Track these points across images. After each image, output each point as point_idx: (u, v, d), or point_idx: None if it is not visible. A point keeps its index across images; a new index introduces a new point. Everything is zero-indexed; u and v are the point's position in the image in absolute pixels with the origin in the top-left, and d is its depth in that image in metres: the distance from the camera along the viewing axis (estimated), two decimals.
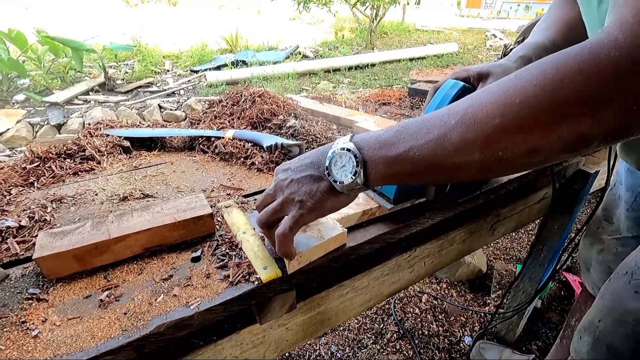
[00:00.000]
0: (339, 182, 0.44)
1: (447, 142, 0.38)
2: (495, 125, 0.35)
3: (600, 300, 0.71)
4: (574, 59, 0.32)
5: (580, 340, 0.74)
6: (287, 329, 0.59)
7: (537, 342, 1.43)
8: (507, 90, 0.36)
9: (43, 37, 4.20)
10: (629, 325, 0.63)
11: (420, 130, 0.40)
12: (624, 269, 0.67)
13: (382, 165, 0.43)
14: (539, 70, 0.34)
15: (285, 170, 0.49)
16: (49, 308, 0.46)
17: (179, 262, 0.54)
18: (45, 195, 0.68)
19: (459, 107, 0.39)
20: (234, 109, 0.99)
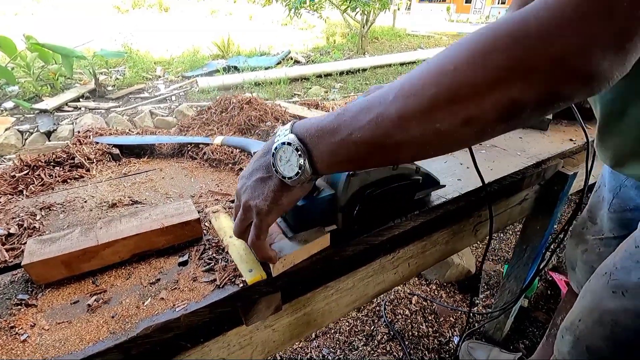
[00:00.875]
0: (287, 178, 0.43)
1: (386, 119, 0.37)
2: (431, 95, 0.35)
3: (581, 301, 0.73)
4: (506, 23, 0.32)
5: (562, 340, 0.76)
6: (273, 330, 0.61)
7: (525, 341, 1.46)
8: (442, 58, 0.35)
9: (32, 43, 4.17)
10: (607, 325, 0.65)
11: (360, 111, 0.39)
12: (603, 270, 0.69)
13: (327, 154, 0.41)
14: (476, 35, 0.34)
15: (241, 178, 0.49)
16: (38, 313, 0.47)
17: (166, 267, 0.55)
18: (35, 203, 0.69)
19: (397, 82, 0.38)
20: (223, 115, 1.01)
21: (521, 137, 1.08)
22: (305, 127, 0.43)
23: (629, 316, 0.62)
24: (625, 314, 0.62)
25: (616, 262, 0.66)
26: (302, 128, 0.43)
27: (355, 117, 0.39)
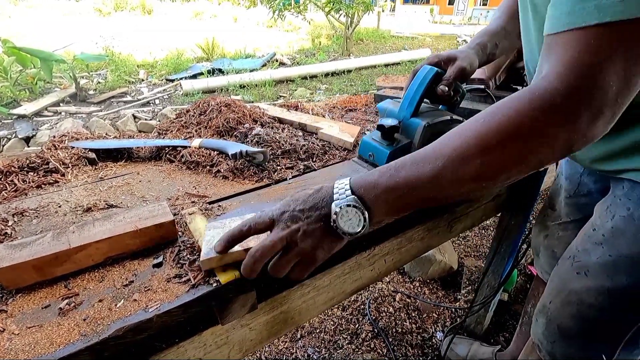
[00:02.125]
0: (348, 234, 0.49)
1: (442, 179, 0.46)
2: (478, 164, 0.44)
3: (550, 284, 0.77)
4: (529, 105, 0.43)
5: (537, 323, 0.80)
6: (250, 328, 0.62)
7: (505, 334, 1.50)
8: (483, 135, 0.45)
9: (9, 47, 4.07)
10: (574, 304, 0.69)
11: (412, 174, 0.47)
12: (568, 253, 0.73)
13: (384, 208, 0.49)
14: (503, 116, 0.44)
15: (295, 219, 0.50)
16: (8, 318, 0.47)
17: (140, 269, 0.56)
18: (7, 209, 0.68)
19: (444, 149, 0.47)
20: (201, 118, 1.01)
21: None
22: (364, 187, 0.49)
23: (592, 294, 0.66)
24: (588, 292, 0.66)
25: (578, 245, 0.70)
26: (361, 188, 0.49)
27: (408, 179, 0.47)
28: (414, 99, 0.74)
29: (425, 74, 0.75)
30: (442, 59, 0.78)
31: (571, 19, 0.42)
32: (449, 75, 0.75)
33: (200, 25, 11.03)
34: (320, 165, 0.87)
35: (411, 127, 0.74)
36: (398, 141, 0.73)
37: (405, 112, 0.75)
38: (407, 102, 0.75)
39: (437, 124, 0.73)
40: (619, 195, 0.64)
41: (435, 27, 14.94)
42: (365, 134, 0.83)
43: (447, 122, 0.75)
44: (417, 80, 0.75)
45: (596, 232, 0.66)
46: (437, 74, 0.75)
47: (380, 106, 0.83)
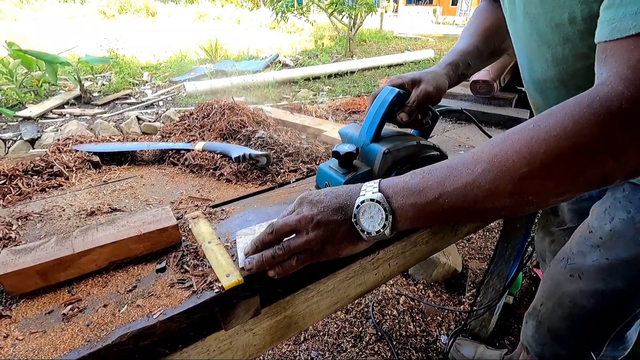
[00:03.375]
0: (366, 232, 0.46)
1: (477, 189, 0.41)
2: (523, 173, 0.38)
3: (542, 286, 0.77)
4: (588, 110, 0.37)
5: (527, 325, 0.79)
6: (254, 334, 0.61)
7: (510, 337, 1.48)
8: (529, 141, 0.39)
9: (15, 50, 4.11)
10: (566, 307, 0.69)
11: (447, 177, 0.43)
12: (561, 255, 0.73)
13: (411, 213, 0.45)
14: (556, 122, 0.38)
15: (312, 205, 0.48)
16: (12, 324, 0.47)
17: (144, 274, 0.56)
18: (11, 213, 0.68)
19: (483, 154, 0.42)
20: (205, 121, 1.01)
21: None
22: (391, 186, 0.46)
23: (585, 297, 0.65)
24: (582, 295, 0.65)
25: (572, 247, 0.69)
26: (388, 186, 0.46)
27: (441, 183, 0.43)
28: (373, 123, 0.68)
29: (385, 96, 0.68)
30: (406, 81, 0.71)
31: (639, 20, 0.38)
32: (412, 100, 0.68)
33: (204, 27, 11.08)
34: None
35: (371, 154, 0.67)
36: (357, 169, 0.66)
37: (365, 137, 0.69)
38: (367, 127, 0.69)
39: (400, 150, 0.66)
40: (618, 197, 0.64)
41: (439, 28, 14.92)
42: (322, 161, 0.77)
43: (412, 147, 0.68)
44: (377, 103, 0.68)
45: (593, 234, 0.65)
46: (399, 96, 0.68)
47: (341, 131, 0.75)
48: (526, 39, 0.62)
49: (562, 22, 0.50)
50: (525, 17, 0.59)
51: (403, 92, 0.69)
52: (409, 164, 0.67)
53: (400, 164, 0.66)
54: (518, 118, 1.17)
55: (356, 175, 0.64)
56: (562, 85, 0.60)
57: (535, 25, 0.57)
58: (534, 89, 0.70)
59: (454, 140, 1.08)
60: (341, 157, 0.64)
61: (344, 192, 0.49)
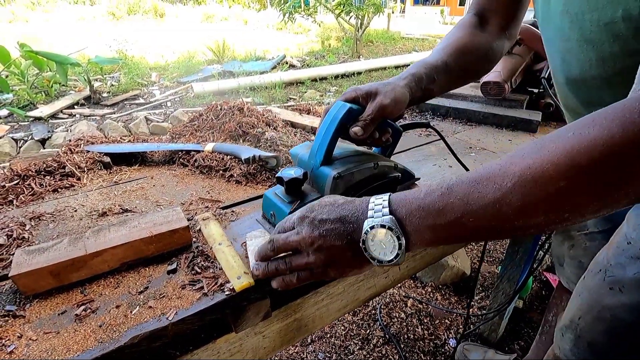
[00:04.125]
0: (377, 260, 0.42)
1: (507, 206, 0.36)
2: (561, 188, 0.34)
3: (578, 299, 0.74)
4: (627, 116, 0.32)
5: (563, 338, 0.77)
6: (263, 336, 0.61)
7: (520, 342, 1.46)
8: (570, 151, 0.34)
9: (26, 51, 4.17)
10: (607, 321, 0.66)
11: (470, 193, 0.38)
12: (597, 267, 0.70)
13: (428, 235, 0.40)
14: (602, 129, 0.33)
15: (314, 227, 0.44)
16: (26, 324, 0.47)
17: (155, 275, 0.56)
18: (24, 213, 0.69)
19: (513, 166, 0.37)
20: (214, 122, 1.02)
21: (510, 139, 1.09)
22: (404, 205, 0.41)
23: (627, 311, 0.63)
24: (623, 308, 0.63)
25: (609, 259, 0.67)
26: (400, 206, 0.41)
27: (464, 200, 0.38)
28: (322, 144, 0.60)
29: (336, 112, 0.60)
30: (361, 94, 0.63)
31: None
32: (367, 115, 0.60)
33: (211, 28, 11.15)
34: None
35: (320, 178, 0.60)
36: (305, 196, 0.60)
37: (314, 159, 0.61)
38: (316, 147, 0.61)
39: (353, 174, 0.59)
40: None
41: (446, 29, 14.84)
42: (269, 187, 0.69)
43: (369, 170, 0.62)
44: (327, 121, 0.60)
45: (632, 245, 0.63)
46: (351, 112, 0.60)
47: (292, 152, 0.67)
48: (563, 39, 0.60)
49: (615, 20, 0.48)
50: (565, 17, 0.57)
51: (356, 107, 0.61)
52: (364, 189, 0.61)
53: (354, 190, 0.60)
54: (530, 120, 1.15)
55: (303, 203, 0.58)
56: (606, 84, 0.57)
57: (578, 24, 0.55)
58: (570, 90, 0.67)
59: (464, 142, 1.07)
60: (285, 184, 0.57)
61: (350, 211, 0.44)
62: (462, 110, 1.27)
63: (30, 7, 13.60)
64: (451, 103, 1.32)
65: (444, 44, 0.75)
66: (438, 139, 1.10)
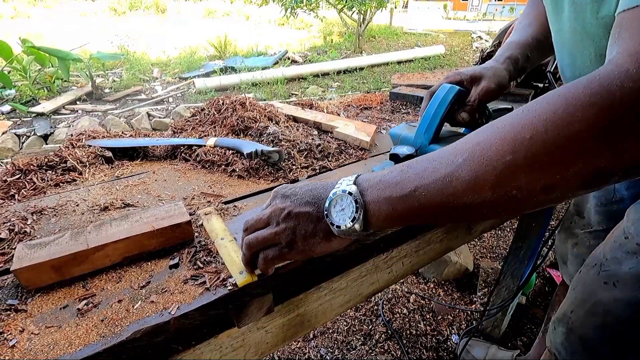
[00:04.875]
0: (336, 226, 0.42)
1: (456, 181, 0.37)
2: (507, 162, 0.34)
3: (572, 292, 0.74)
4: (584, 91, 0.32)
5: (555, 331, 0.76)
6: (266, 331, 0.61)
7: (523, 338, 1.46)
8: (515, 126, 0.35)
9: (28, 47, 4.17)
10: (599, 316, 0.66)
11: (426, 169, 0.39)
12: (593, 261, 0.70)
13: (385, 207, 0.41)
14: (548, 104, 0.34)
15: (285, 197, 0.46)
16: (27, 318, 0.47)
17: (157, 269, 0.55)
18: (26, 207, 0.69)
19: (466, 144, 0.38)
20: (216, 117, 1.01)
21: None
22: (368, 179, 0.43)
23: (620, 306, 0.62)
24: (617, 303, 0.62)
25: (606, 253, 0.66)
26: (364, 180, 0.43)
27: (419, 175, 0.39)
28: (432, 123, 0.63)
29: (445, 93, 0.64)
30: (465, 78, 0.66)
31: None
32: (474, 98, 0.64)
33: (213, 24, 11.10)
34: (337, 165, 0.85)
35: None
36: None
37: (422, 138, 0.64)
38: (425, 127, 0.64)
39: None
40: None
41: (449, 24, 14.72)
42: (377, 165, 0.73)
43: None
44: (436, 101, 0.64)
45: (629, 240, 0.62)
46: (460, 94, 0.64)
47: (392, 132, 0.72)
48: (570, 32, 0.58)
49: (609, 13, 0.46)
50: (572, 7, 0.55)
51: (463, 89, 0.65)
52: None
53: None
54: None
55: None
56: None
57: (582, 16, 0.53)
58: None
59: None
60: (401, 160, 0.61)
61: (320, 185, 0.47)
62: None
63: (32, 3, 13.59)
64: None
65: (528, 20, 0.75)
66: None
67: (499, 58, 0.70)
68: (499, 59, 0.69)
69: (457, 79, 0.66)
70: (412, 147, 0.62)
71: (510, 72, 0.68)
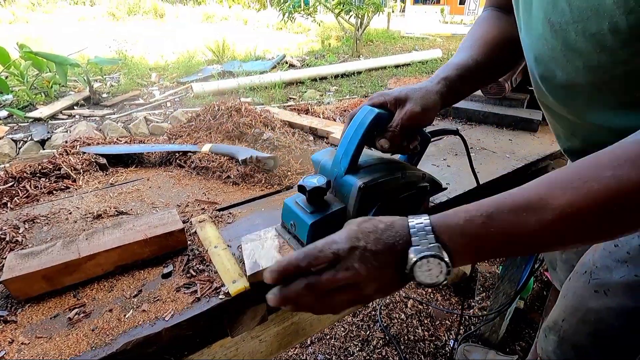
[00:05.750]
0: (423, 283, 0.41)
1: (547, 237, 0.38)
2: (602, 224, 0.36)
3: (562, 300, 0.73)
4: None
5: (546, 339, 0.76)
6: (260, 340, 0.60)
7: (521, 343, 1.45)
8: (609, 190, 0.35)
9: (26, 52, 4.16)
10: (591, 324, 0.66)
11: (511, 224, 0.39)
12: (583, 269, 0.69)
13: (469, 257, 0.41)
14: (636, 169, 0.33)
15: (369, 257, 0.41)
16: (17, 329, 0.47)
17: (150, 278, 0.55)
18: (18, 215, 0.68)
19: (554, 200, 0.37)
20: (212, 122, 1.01)
21: (511, 139, 1.08)
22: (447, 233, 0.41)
23: (612, 314, 0.62)
24: (608, 312, 0.62)
25: (595, 261, 0.66)
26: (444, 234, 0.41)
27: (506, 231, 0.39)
28: (348, 151, 0.56)
29: (363, 117, 0.56)
30: (389, 99, 0.58)
31: None
32: (396, 123, 0.56)
33: (211, 28, 11.14)
34: None
35: (345, 187, 0.55)
36: (328, 206, 0.55)
37: (339, 167, 0.57)
38: (341, 155, 0.57)
39: (380, 184, 0.55)
40: None
41: (446, 27, 14.81)
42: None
43: (396, 180, 0.57)
44: (353, 127, 0.56)
45: (619, 248, 0.62)
46: (379, 118, 0.56)
47: (314, 158, 0.63)
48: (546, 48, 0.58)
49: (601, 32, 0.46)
50: (546, 26, 0.55)
51: (384, 113, 0.57)
52: (391, 200, 0.58)
53: (381, 200, 0.56)
54: (530, 119, 1.14)
55: (326, 214, 0.54)
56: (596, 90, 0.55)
57: (562, 34, 0.52)
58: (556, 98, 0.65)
59: None
60: (307, 194, 0.53)
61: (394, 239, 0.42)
62: (462, 110, 1.26)
63: (31, 8, 13.61)
64: None
65: (470, 41, 0.70)
66: (437, 139, 1.09)
67: (434, 78, 0.63)
68: (433, 80, 0.63)
69: (380, 101, 0.59)
70: (324, 178, 0.54)
71: (443, 95, 0.61)
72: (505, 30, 0.69)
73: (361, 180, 0.53)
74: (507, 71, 0.74)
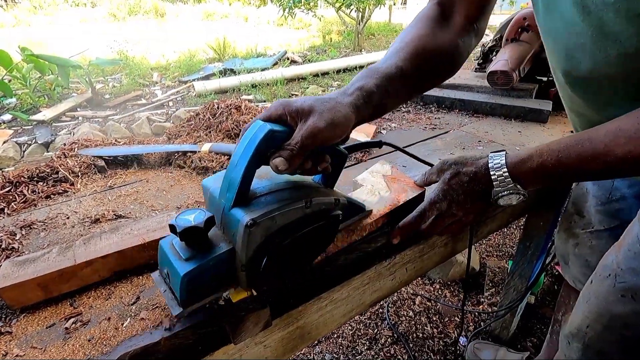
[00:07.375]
0: (506, 205, 0.57)
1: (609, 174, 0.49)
2: None
3: (585, 305, 0.69)
4: None
5: (569, 346, 0.72)
6: (265, 346, 0.58)
7: (532, 339, 1.42)
8: None
9: (28, 55, 4.17)
10: (617, 330, 0.62)
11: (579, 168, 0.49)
12: (606, 271, 0.65)
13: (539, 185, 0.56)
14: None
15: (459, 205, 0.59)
16: (12, 341, 0.45)
17: (148, 284, 0.53)
18: (15, 221, 0.67)
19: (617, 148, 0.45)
20: (211, 121, 0.99)
21: (520, 131, 1.05)
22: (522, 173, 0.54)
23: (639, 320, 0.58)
24: (636, 317, 0.58)
25: (620, 263, 0.62)
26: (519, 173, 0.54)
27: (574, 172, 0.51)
28: (234, 177, 0.43)
29: (252, 136, 0.43)
30: (289, 111, 0.46)
31: None
32: (294, 142, 0.44)
33: (212, 26, 11.10)
34: None
35: (232, 224, 0.43)
36: (211, 248, 0.44)
37: (225, 197, 0.44)
38: (227, 183, 0.44)
39: (275, 218, 0.43)
40: None
41: None
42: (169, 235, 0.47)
43: (299, 211, 0.45)
44: (241, 147, 0.44)
45: None
46: (271, 136, 0.43)
47: (204, 183, 0.50)
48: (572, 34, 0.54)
49: None
50: (577, 7, 0.52)
51: (280, 129, 0.44)
52: (293, 235, 0.46)
53: (279, 238, 0.45)
54: (540, 109, 1.11)
55: (206, 260, 0.42)
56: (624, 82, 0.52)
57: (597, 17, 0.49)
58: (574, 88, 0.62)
59: (472, 135, 1.03)
60: (179, 235, 0.41)
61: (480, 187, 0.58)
62: (468, 102, 1.23)
63: (33, 11, 13.66)
64: (456, 94, 1.27)
65: (399, 44, 0.60)
66: (443, 133, 1.06)
67: (349, 87, 0.53)
68: (348, 89, 0.52)
69: (278, 113, 0.47)
70: (205, 213, 0.42)
71: (359, 108, 0.50)
72: (441, 37, 0.62)
73: (249, 216, 0.41)
74: (439, 82, 0.67)
